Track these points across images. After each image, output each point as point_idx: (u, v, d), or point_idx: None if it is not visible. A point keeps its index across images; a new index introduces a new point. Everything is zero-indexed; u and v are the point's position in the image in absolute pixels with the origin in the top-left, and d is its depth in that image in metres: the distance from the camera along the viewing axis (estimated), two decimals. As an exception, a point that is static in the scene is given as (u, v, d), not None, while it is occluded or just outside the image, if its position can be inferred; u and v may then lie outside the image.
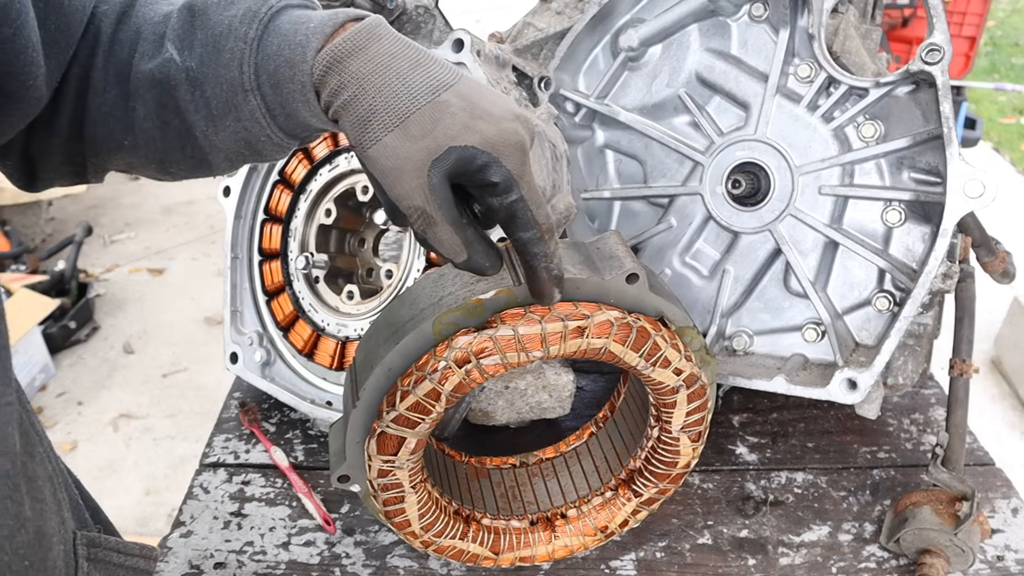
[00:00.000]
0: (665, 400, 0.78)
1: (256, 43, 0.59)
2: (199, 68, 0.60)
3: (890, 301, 0.97)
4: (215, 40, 0.60)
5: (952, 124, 0.87)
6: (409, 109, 0.55)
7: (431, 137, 0.55)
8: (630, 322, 0.70)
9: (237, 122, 0.61)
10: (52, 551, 0.58)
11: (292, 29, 0.59)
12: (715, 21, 1.05)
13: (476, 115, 0.56)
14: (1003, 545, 0.93)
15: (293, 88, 0.59)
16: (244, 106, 0.60)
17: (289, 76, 0.58)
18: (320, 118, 0.60)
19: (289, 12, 0.61)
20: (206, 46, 0.60)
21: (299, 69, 0.58)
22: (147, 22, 0.62)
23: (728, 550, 0.94)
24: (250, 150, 0.64)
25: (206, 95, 0.60)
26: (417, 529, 0.81)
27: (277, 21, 0.60)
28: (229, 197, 1.14)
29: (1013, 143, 4.47)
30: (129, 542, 0.71)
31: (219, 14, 0.61)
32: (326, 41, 0.58)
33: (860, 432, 1.10)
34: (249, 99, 0.60)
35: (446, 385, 0.68)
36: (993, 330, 2.80)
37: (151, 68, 0.60)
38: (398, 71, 0.56)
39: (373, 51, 0.57)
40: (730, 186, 1.03)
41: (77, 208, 4.16)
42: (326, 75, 0.57)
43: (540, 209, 0.59)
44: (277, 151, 0.65)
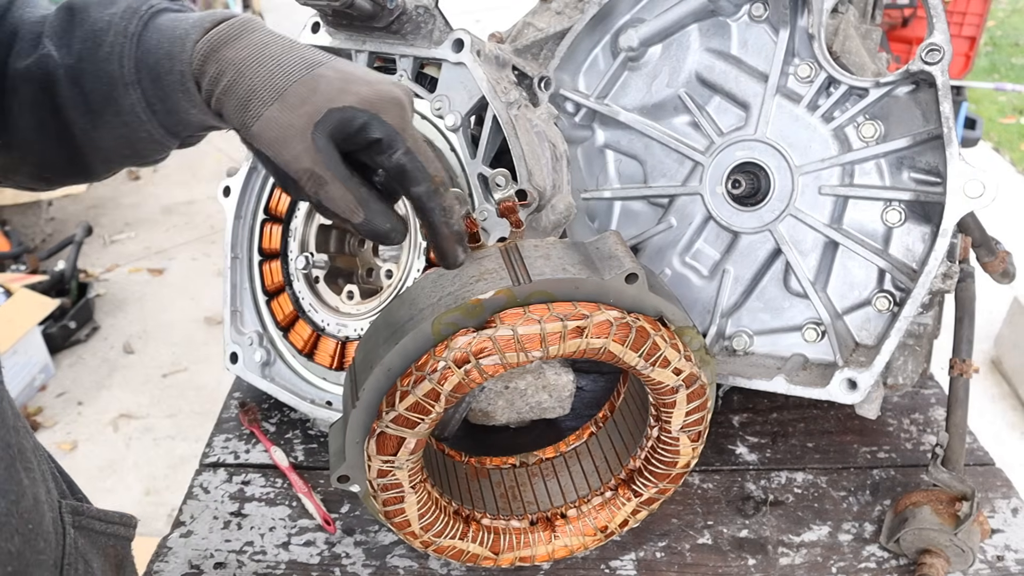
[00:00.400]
0: (665, 400, 0.78)
1: (136, 38, 0.62)
2: (77, 64, 0.62)
3: (890, 301, 0.97)
4: (95, 35, 0.62)
5: (952, 124, 0.87)
6: (286, 83, 0.59)
7: (310, 103, 0.58)
8: (629, 322, 0.70)
9: (116, 117, 0.63)
10: (45, 518, 0.60)
11: (171, 25, 0.63)
12: (715, 21, 1.05)
13: (351, 80, 0.60)
14: (1003, 545, 0.93)
15: (173, 79, 0.61)
16: (124, 100, 0.62)
17: (169, 68, 0.61)
18: (201, 108, 0.63)
19: (168, 13, 0.64)
20: (85, 42, 0.62)
21: (179, 60, 0.61)
22: (24, 22, 0.64)
23: (728, 550, 0.94)
24: (130, 149, 0.66)
25: (84, 90, 0.62)
26: (417, 529, 0.81)
27: (157, 19, 0.63)
28: (229, 197, 1.14)
29: (1013, 143, 4.47)
30: (109, 511, 0.72)
31: (99, 12, 0.63)
32: (203, 34, 0.62)
33: (860, 432, 1.10)
34: (129, 93, 0.62)
35: (445, 385, 0.68)
36: (993, 330, 2.80)
37: (27, 65, 0.62)
38: (272, 54, 0.61)
39: (248, 40, 0.62)
40: (730, 186, 1.03)
41: (77, 208, 4.16)
42: (205, 64, 0.61)
43: (430, 163, 0.62)
44: (157, 150, 0.67)
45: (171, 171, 4.66)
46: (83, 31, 0.63)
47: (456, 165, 0.94)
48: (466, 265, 0.70)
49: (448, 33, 0.94)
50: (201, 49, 0.61)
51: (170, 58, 0.61)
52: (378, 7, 0.89)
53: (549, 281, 0.68)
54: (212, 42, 0.61)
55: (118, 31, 0.62)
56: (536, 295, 0.69)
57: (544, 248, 0.73)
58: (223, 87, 0.60)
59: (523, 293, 0.68)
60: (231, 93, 0.60)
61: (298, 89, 0.59)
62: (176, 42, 0.62)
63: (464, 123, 0.94)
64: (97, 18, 0.63)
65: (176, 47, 0.62)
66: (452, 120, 0.94)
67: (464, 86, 0.93)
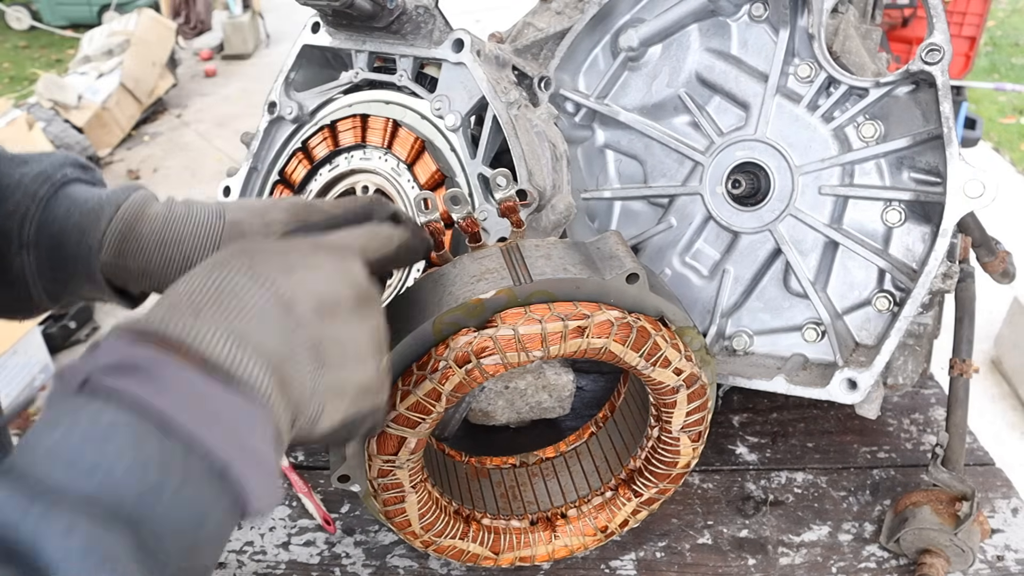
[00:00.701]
0: (665, 400, 0.78)
1: (44, 202, 0.62)
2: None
3: (890, 301, 0.97)
4: (0, 190, 0.62)
5: (952, 124, 0.87)
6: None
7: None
8: (630, 322, 0.70)
9: (1, 275, 0.63)
10: None
11: (83, 197, 0.63)
12: (715, 21, 1.05)
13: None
14: (1003, 545, 0.93)
15: (77, 251, 0.61)
16: (15, 260, 0.62)
17: (77, 239, 0.61)
18: (98, 284, 0.63)
19: (79, 183, 0.64)
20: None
21: (89, 234, 0.61)
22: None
23: (728, 550, 0.94)
24: (2, 306, 0.65)
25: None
26: (417, 529, 0.81)
27: (68, 188, 0.63)
28: (229, 197, 1.14)
29: (1013, 143, 4.47)
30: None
31: (10, 168, 0.63)
32: (115, 210, 0.62)
33: (860, 432, 1.10)
34: (23, 254, 0.62)
35: (446, 385, 0.68)
36: (993, 330, 2.80)
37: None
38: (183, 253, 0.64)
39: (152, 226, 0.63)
40: (730, 186, 1.03)
41: (77, 208, 4.17)
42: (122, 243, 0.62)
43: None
44: (29, 311, 0.67)
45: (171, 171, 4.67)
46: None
47: (456, 165, 0.94)
48: (467, 265, 0.70)
49: (448, 33, 0.94)
50: (116, 227, 0.62)
51: (79, 230, 0.61)
52: (378, 7, 0.89)
53: (550, 281, 0.68)
54: (126, 219, 0.62)
55: (27, 192, 0.61)
56: (537, 295, 0.69)
57: (545, 248, 0.73)
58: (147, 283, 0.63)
59: (524, 293, 0.68)
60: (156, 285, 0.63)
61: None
62: (89, 215, 0.62)
63: (464, 123, 0.94)
64: (6, 173, 0.62)
65: (88, 219, 0.61)
66: (452, 120, 0.94)
67: (464, 86, 0.93)
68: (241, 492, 0.40)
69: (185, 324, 0.42)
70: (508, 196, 0.73)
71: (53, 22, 7.46)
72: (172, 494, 0.37)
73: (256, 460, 0.41)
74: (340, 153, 1.01)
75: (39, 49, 7.34)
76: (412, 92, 0.98)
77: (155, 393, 0.38)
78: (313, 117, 1.06)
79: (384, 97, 1.00)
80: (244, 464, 0.40)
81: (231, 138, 4.99)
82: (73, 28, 7.30)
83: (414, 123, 0.96)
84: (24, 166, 0.63)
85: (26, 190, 0.61)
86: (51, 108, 4.53)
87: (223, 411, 0.40)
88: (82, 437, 0.36)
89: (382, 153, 0.96)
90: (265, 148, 1.09)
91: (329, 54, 1.06)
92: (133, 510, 0.35)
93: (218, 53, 6.78)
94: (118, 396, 0.38)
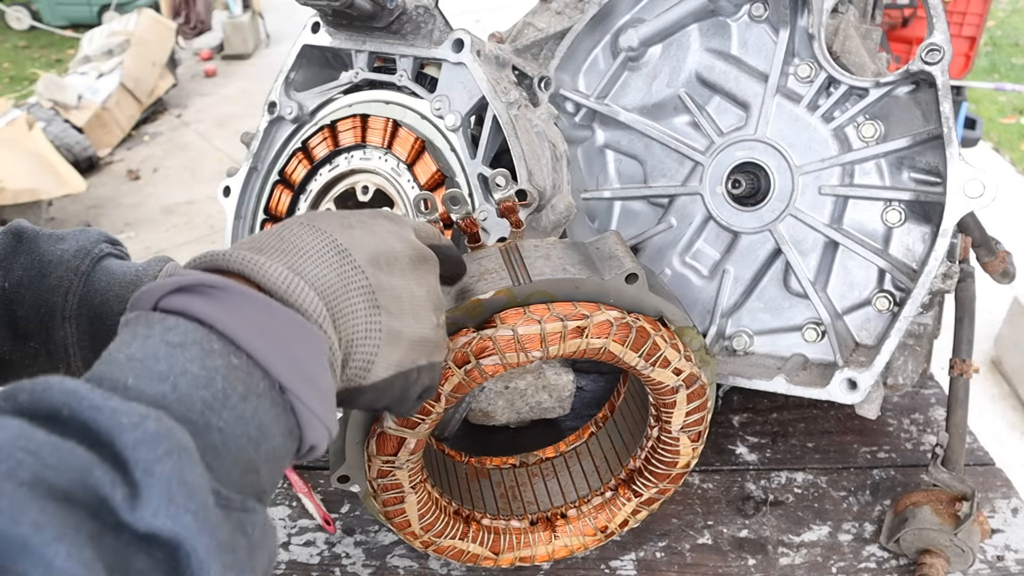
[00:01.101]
0: (665, 400, 0.78)
1: (85, 276, 0.65)
2: (15, 289, 0.64)
3: (890, 301, 0.97)
4: (41, 266, 0.65)
5: (952, 124, 0.87)
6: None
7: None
8: (629, 322, 0.70)
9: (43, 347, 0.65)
10: None
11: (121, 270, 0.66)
12: (715, 21, 1.05)
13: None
14: (1003, 545, 0.93)
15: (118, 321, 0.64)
16: (57, 332, 0.64)
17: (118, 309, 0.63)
18: None
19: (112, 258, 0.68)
20: (29, 270, 0.64)
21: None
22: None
23: (728, 550, 0.93)
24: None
25: (15, 316, 0.64)
26: (417, 529, 0.81)
27: (105, 262, 0.66)
28: (229, 197, 1.14)
29: (1013, 143, 4.47)
30: None
31: (49, 244, 0.66)
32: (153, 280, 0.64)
33: (860, 432, 1.10)
34: (65, 326, 0.64)
35: (446, 385, 0.68)
36: (993, 330, 2.80)
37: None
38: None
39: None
40: (730, 186, 1.02)
41: (77, 208, 4.16)
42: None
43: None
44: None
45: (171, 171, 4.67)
46: (28, 259, 0.65)
47: (456, 165, 0.94)
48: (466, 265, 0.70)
49: (448, 33, 0.94)
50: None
51: (120, 301, 0.64)
52: (378, 7, 0.89)
53: (549, 281, 0.68)
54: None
55: (68, 267, 0.65)
56: (536, 295, 0.69)
57: (544, 248, 0.73)
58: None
59: (523, 293, 0.68)
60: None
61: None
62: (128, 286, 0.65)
63: (464, 123, 0.94)
64: (47, 250, 0.65)
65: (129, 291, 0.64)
66: (452, 120, 0.94)
67: (464, 86, 0.93)
68: (297, 413, 0.43)
69: (246, 257, 0.45)
70: (507, 196, 0.73)
71: (53, 22, 7.46)
72: (236, 403, 0.39)
73: (311, 383, 0.43)
74: (340, 153, 1.01)
75: (39, 49, 7.34)
76: (412, 92, 0.98)
77: (220, 311, 0.41)
78: (313, 117, 1.06)
79: (384, 97, 1.00)
80: (300, 386, 0.42)
81: (231, 138, 4.99)
82: (73, 28, 7.30)
83: (414, 123, 0.96)
84: (62, 243, 0.67)
85: (68, 265, 0.65)
86: (51, 108, 4.53)
87: (280, 331, 0.42)
88: (155, 348, 0.39)
89: (382, 153, 0.96)
90: (265, 148, 1.09)
91: (329, 54, 1.06)
92: (200, 415, 0.38)
93: (218, 53, 6.78)
94: (188, 314, 0.41)
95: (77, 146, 4.50)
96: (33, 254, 0.65)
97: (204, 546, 0.34)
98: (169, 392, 0.37)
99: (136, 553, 0.33)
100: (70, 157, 4.27)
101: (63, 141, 4.39)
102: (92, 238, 0.69)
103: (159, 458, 0.34)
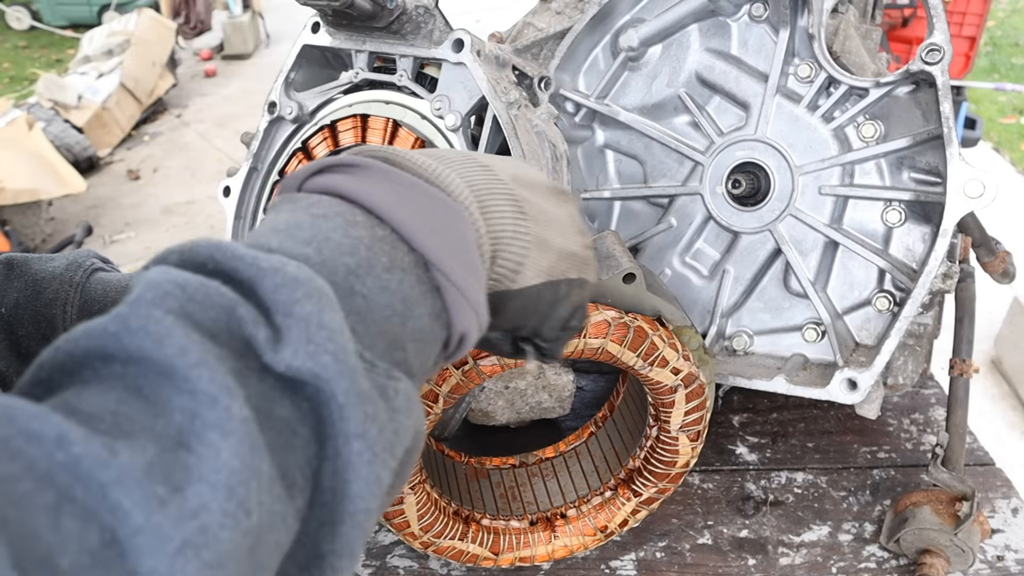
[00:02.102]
0: (663, 399, 0.78)
1: (80, 287, 0.66)
2: (13, 311, 0.65)
3: (890, 301, 0.97)
4: (35, 284, 0.66)
5: (952, 124, 0.87)
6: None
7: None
8: (627, 322, 0.70)
9: None
10: None
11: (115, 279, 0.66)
12: (715, 21, 1.05)
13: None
14: (1003, 545, 0.93)
15: None
16: None
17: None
18: None
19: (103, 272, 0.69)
20: (23, 291, 0.65)
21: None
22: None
23: (728, 550, 0.93)
24: None
25: (17, 336, 0.65)
26: (416, 530, 0.81)
27: (98, 274, 0.67)
28: (229, 197, 1.14)
29: (1013, 143, 4.47)
30: None
31: (40, 265, 0.67)
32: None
33: (860, 432, 1.10)
34: None
35: (443, 386, 0.68)
36: (993, 330, 2.80)
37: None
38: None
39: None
40: (730, 186, 1.02)
41: (77, 208, 4.17)
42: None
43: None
44: None
45: (171, 171, 4.67)
46: (22, 282, 0.66)
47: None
48: None
49: (448, 33, 0.94)
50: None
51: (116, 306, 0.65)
52: (378, 7, 0.89)
53: (549, 281, 0.68)
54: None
55: (63, 280, 0.66)
56: (536, 295, 0.69)
57: (544, 248, 0.73)
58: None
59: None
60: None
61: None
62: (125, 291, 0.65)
63: (464, 123, 0.94)
64: (39, 269, 0.67)
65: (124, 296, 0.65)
66: (452, 120, 0.93)
67: (464, 86, 0.93)
68: (444, 294, 0.41)
69: (393, 150, 0.44)
70: (508, 196, 0.73)
71: (53, 22, 7.46)
72: (380, 273, 0.38)
73: (458, 261, 0.41)
74: (339, 153, 1.01)
75: (39, 49, 7.34)
76: (412, 92, 0.98)
77: (363, 185, 0.41)
78: (313, 117, 1.06)
79: (384, 97, 1.00)
80: (447, 260, 0.40)
81: (231, 138, 4.99)
82: (73, 28, 7.30)
83: (414, 123, 0.96)
84: (52, 261, 0.68)
85: (61, 279, 0.66)
86: (51, 108, 4.53)
87: (426, 207, 0.41)
88: (299, 218, 0.39)
89: (382, 153, 0.96)
90: (265, 148, 1.09)
91: (329, 54, 1.06)
92: (343, 279, 0.37)
93: (218, 53, 6.78)
94: (331, 190, 0.41)
95: (77, 146, 4.50)
96: (26, 276, 0.66)
97: (343, 390, 0.33)
98: (312, 255, 0.37)
99: (280, 399, 0.33)
100: (70, 157, 4.27)
101: (63, 141, 4.39)
102: (82, 253, 0.70)
103: (298, 300, 0.33)
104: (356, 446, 0.33)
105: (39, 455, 0.25)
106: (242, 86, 6.03)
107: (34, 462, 0.25)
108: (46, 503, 0.25)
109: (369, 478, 0.34)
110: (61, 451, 0.26)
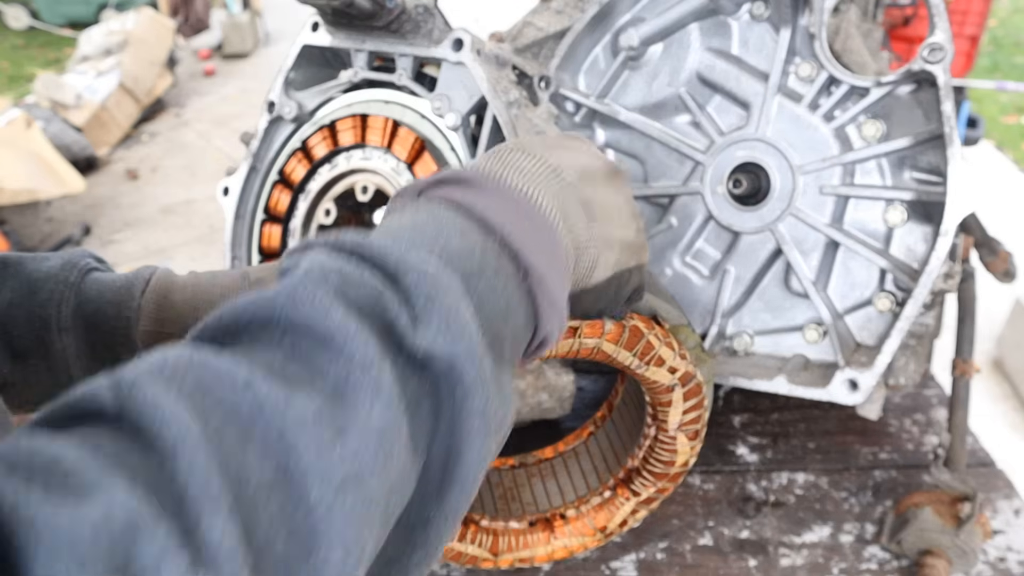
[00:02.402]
0: (661, 399, 0.78)
1: (76, 287, 0.66)
2: (7, 310, 0.65)
3: (891, 301, 0.97)
4: (30, 284, 0.66)
5: (954, 123, 0.87)
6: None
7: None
8: (623, 321, 0.70)
9: (43, 361, 0.66)
10: None
11: (110, 279, 0.67)
12: (716, 20, 1.04)
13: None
14: (1005, 546, 0.93)
15: (115, 326, 0.65)
16: (55, 344, 0.65)
17: (114, 314, 0.65)
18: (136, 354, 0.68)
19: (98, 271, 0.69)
20: (16, 291, 0.66)
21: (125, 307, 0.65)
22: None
23: (729, 551, 0.93)
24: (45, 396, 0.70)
25: (11, 336, 0.65)
26: (416, 530, 0.81)
27: (93, 274, 0.68)
28: (228, 197, 1.13)
29: (1015, 142, 4.47)
30: None
31: (35, 264, 0.67)
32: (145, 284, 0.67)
33: (861, 433, 1.09)
34: (62, 337, 0.65)
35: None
36: (995, 330, 2.80)
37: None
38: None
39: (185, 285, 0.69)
40: (731, 186, 1.02)
41: (76, 208, 4.16)
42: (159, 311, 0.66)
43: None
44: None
45: (170, 171, 4.66)
46: (16, 281, 0.66)
47: (456, 165, 0.94)
48: None
49: (448, 32, 0.94)
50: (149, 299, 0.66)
51: (114, 307, 0.66)
52: (377, 6, 0.89)
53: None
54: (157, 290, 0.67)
55: (58, 280, 0.66)
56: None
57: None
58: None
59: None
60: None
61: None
62: (120, 292, 0.67)
63: (464, 123, 0.93)
64: (33, 269, 0.67)
65: (121, 296, 0.66)
66: (452, 120, 0.93)
67: (464, 85, 0.93)
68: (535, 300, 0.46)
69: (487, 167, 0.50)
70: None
71: (51, 21, 7.45)
72: (490, 276, 0.43)
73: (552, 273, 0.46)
74: (340, 153, 1.00)
75: (37, 48, 7.34)
76: (412, 91, 0.98)
77: (478, 198, 0.46)
78: (312, 116, 1.05)
79: (384, 96, 1.00)
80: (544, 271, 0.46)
81: (230, 137, 4.98)
82: (71, 27, 7.29)
83: (414, 123, 0.96)
84: (47, 261, 0.69)
85: (56, 278, 0.66)
86: (49, 107, 4.52)
87: (528, 223, 0.46)
88: (423, 221, 0.44)
89: (382, 153, 0.96)
90: (264, 147, 1.09)
91: (329, 53, 1.06)
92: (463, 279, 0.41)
93: (217, 52, 6.77)
94: (448, 200, 0.46)
95: (76, 145, 4.49)
96: (20, 276, 0.66)
97: (472, 376, 0.38)
98: (439, 254, 0.41)
99: (412, 375, 0.37)
100: (69, 156, 4.26)
101: (62, 140, 4.38)
102: (77, 253, 0.70)
103: (438, 293, 0.38)
104: (476, 423, 0.39)
105: (229, 396, 0.30)
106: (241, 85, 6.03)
107: (222, 400, 0.30)
108: (233, 437, 0.30)
109: (482, 451, 0.39)
110: (249, 392, 0.31)
